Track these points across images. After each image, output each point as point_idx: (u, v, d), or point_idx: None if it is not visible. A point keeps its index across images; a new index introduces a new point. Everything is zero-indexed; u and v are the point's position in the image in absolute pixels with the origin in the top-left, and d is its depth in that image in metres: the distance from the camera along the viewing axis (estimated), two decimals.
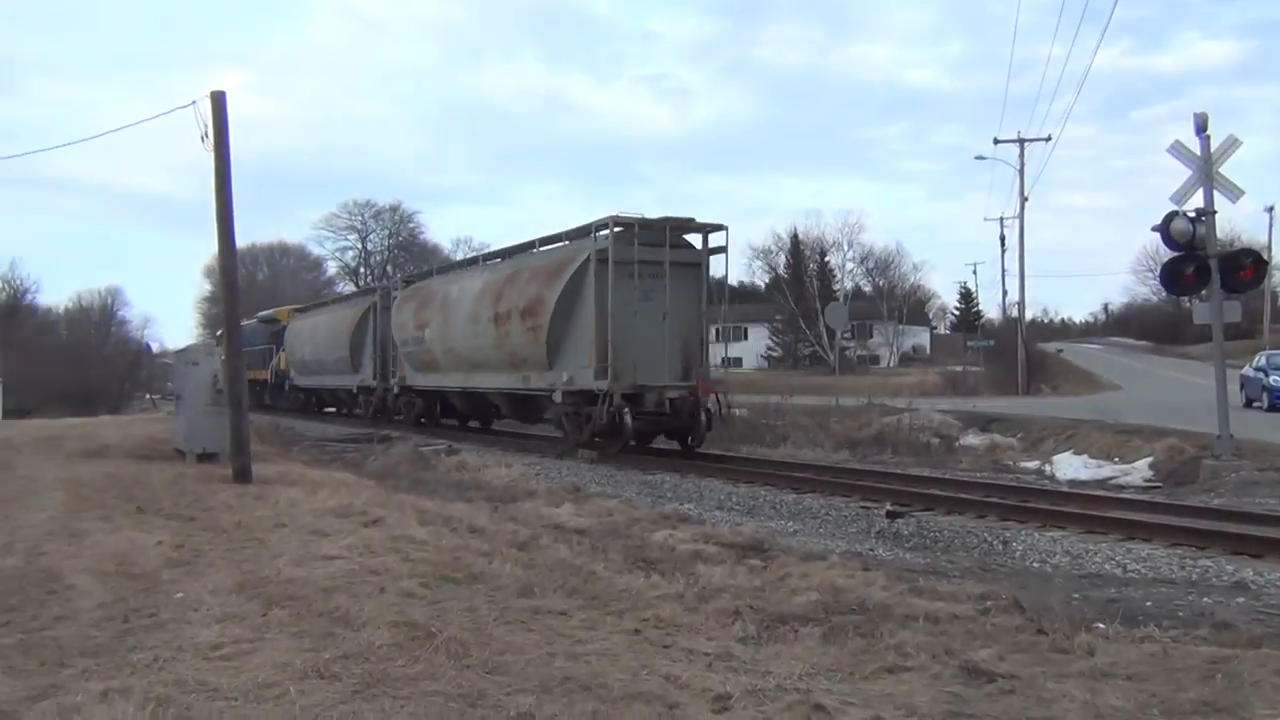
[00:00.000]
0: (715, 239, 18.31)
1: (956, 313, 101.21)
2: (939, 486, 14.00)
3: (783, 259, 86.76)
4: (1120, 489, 14.98)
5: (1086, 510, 11.31)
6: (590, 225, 18.31)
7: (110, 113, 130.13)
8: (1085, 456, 18.27)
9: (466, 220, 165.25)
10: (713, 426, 18.19)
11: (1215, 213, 14.54)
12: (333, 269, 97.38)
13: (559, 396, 18.36)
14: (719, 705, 4.25)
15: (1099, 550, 9.29)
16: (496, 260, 23.01)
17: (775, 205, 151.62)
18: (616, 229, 17.37)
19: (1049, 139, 41.44)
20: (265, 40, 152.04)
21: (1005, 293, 54.59)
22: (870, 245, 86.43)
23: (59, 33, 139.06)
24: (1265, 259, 16.37)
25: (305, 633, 5.33)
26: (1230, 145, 14.60)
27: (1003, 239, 50.84)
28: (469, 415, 25.95)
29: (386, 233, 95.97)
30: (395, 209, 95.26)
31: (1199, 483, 14.43)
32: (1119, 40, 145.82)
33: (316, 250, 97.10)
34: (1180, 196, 14.74)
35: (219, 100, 13.28)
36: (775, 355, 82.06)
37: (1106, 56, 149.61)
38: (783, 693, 4.37)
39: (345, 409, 33.47)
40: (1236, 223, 59.95)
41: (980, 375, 47.11)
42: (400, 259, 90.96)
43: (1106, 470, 16.74)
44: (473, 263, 25.52)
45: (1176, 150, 14.80)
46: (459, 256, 68.68)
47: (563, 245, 19.66)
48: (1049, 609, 6.13)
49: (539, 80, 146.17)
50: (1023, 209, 43.15)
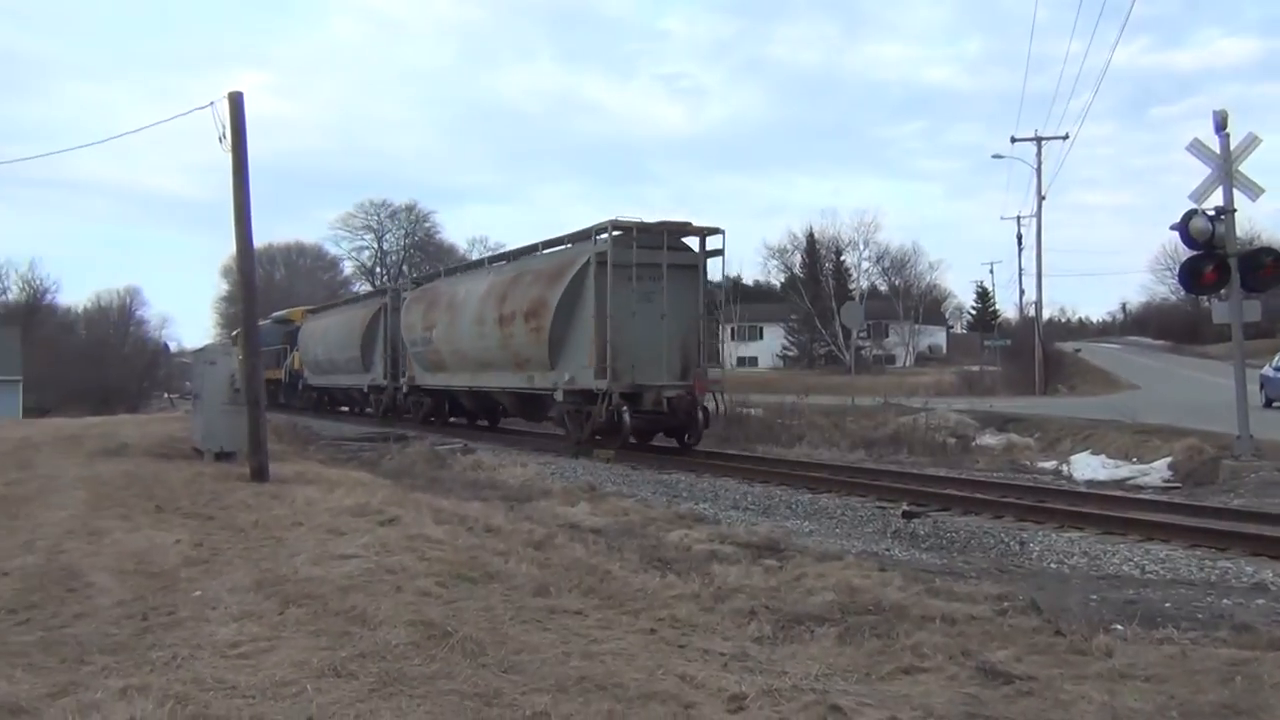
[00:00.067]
0: (712, 242, 18.63)
1: (973, 312, 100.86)
2: (955, 486, 13.95)
3: (798, 258, 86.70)
4: (1138, 489, 14.88)
5: (1104, 511, 11.25)
6: (590, 229, 18.60)
7: (129, 114, 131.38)
8: (1103, 457, 18.15)
9: (482, 220, 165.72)
10: (710, 424, 18.63)
11: (1235, 211, 14.44)
12: (349, 269, 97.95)
13: (560, 395, 18.79)
14: (734, 705, 4.25)
15: (1117, 551, 9.24)
16: (501, 262, 23.49)
17: (791, 204, 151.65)
18: (615, 232, 17.74)
19: (1066, 137, 41.25)
20: (283, 42, 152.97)
21: (1022, 292, 54.37)
22: (886, 244, 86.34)
23: (79, 35, 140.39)
24: None
25: (322, 631, 5.35)
26: (1250, 143, 14.49)
27: (1020, 238, 50.60)
28: (476, 414, 26.30)
29: (402, 232, 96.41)
30: (411, 209, 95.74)
31: (1218, 483, 14.33)
32: (1138, 37, 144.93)
33: (333, 250, 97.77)
34: (1199, 195, 14.64)
35: (237, 101, 13.34)
36: (791, 355, 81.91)
37: (1125, 53, 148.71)
38: (799, 693, 4.37)
39: (357, 408, 33.89)
40: (1256, 221, 59.54)
41: (997, 375, 46.89)
42: (416, 259, 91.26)
43: (1124, 470, 16.64)
44: (479, 265, 26.01)
45: (1196, 148, 14.70)
46: (474, 256, 68.91)
47: (564, 248, 20.04)
48: (1067, 610, 6.11)
49: (554, 80, 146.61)
50: (1040, 208, 42.98)
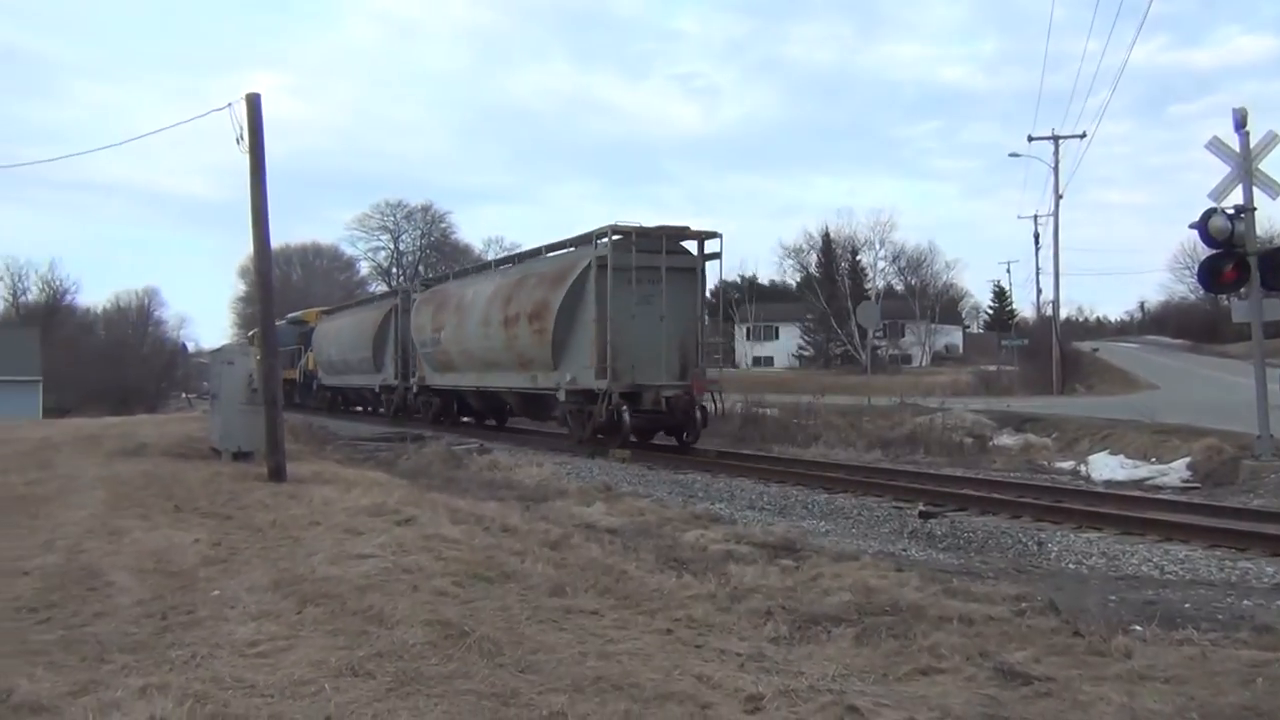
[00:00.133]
0: (711, 246, 19.02)
1: (990, 311, 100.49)
2: (972, 486, 13.90)
3: (814, 258, 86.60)
4: (1157, 490, 14.79)
5: (1123, 511, 11.18)
6: (591, 233, 19.04)
7: (148, 116, 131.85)
8: (1121, 457, 18.04)
9: (497, 220, 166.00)
10: (709, 423, 19.11)
11: (1255, 209, 14.33)
12: (365, 269, 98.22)
13: (563, 395, 19.27)
14: (751, 706, 4.25)
15: (1136, 552, 9.19)
16: (507, 265, 24.12)
17: (806, 204, 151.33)
18: (615, 237, 18.18)
19: (1084, 136, 40.74)
20: (299, 43, 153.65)
21: (1039, 291, 54.12)
22: (902, 244, 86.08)
23: (99, 37, 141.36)
24: None
25: (340, 631, 5.38)
26: (1270, 141, 14.39)
27: (1037, 237, 50.27)
28: (484, 413, 26.77)
29: (418, 233, 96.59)
30: (427, 209, 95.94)
31: (1238, 483, 14.24)
32: (1156, 35, 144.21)
33: (349, 251, 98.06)
34: (1219, 193, 14.54)
35: (254, 103, 13.40)
36: (806, 354, 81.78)
37: (1143, 52, 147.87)
38: (816, 694, 4.36)
39: (369, 408, 34.28)
40: (1276, 220, 58.77)
41: (1014, 375, 46.62)
42: (432, 259, 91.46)
43: (1143, 471, 16.53)
44: (485, 267, 26.54)
45: (1215, 146, 14.60)
46: (490, 256, 69.12)
47: (567, 252, 20.52)
48: (1085, 611, 6.07)
49: (568, 81, 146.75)
50: (1057, 206, 42.68)
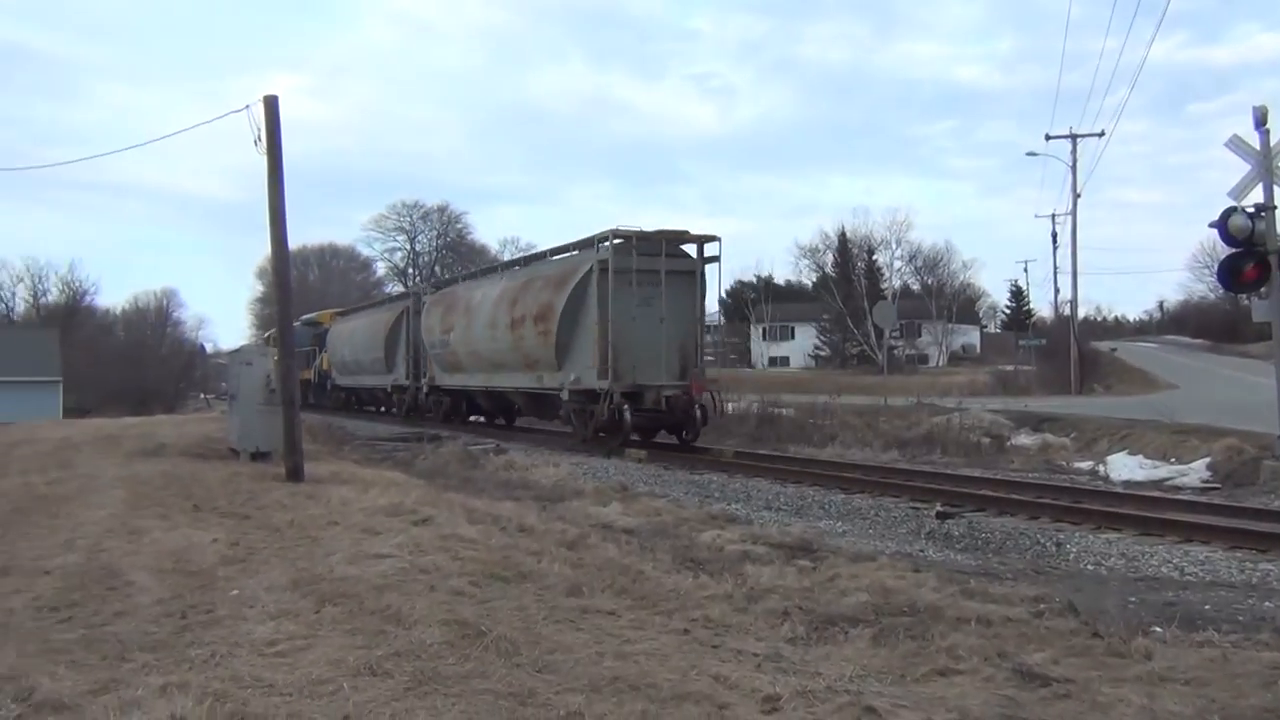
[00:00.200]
0: (710, 249, 19.47)
1: (1007, 311, 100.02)
2: (990, 487, 13.84)
3: (830, 257, 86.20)
4: (1177, 490, 14.70)
5: (1142, 512, 11.11)
6: (594, 237, 19.50)
7: (167, 118, 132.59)
8: (1140, 457, 17.94)
9: (514, 220, 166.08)
10: (708, 422, 19.51)
11: (1275, 208, 14.20)
12: (382, 270, 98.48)
13: (566, 395, 19.75)
14: (769, 706, 4.24)
15: (1155, 553, 9.14)
16: (513, 268, 24.78)
17: (822, 203, 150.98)
18: (616, 241, 18.59)
19: (1102, 134, 40.23)
20: (317, 45, 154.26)
21: (1057, 290, 53.91)
22: (919, 243, 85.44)
23: (121, 39, 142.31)
24: None
25: (358, 630, 5.40)
26: None
27: (1054, 236, 49.93)
28: (493, 413, 27.28)
29: (435, 234, 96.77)
30: (443, 210, 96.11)
31: (1259, 484, 14.14)
32: (1175, 33, 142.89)
33: (366, 251, 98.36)
34: (1239, 192, 14.42)
35: (272, 105, 13.47)
36: (823, 354, 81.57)
37: (1162, 49, 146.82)
38: (833, 694, 4.36)
39: (382, 407, 34.87)
40: None
41: (1032, 374, 46.35)
42: (448, 259, 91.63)
43: (1163, 471, 16.43)
44: (492, 270, 27.03)
45: (1235, 145, 14.48)
46: (506, 256, 69.27)
47: (570, 255, 21.04)
48: (1104, 612, 6.05)
49: (584, 81, 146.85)
50: (1075, 205, 42.38)
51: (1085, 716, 4.17)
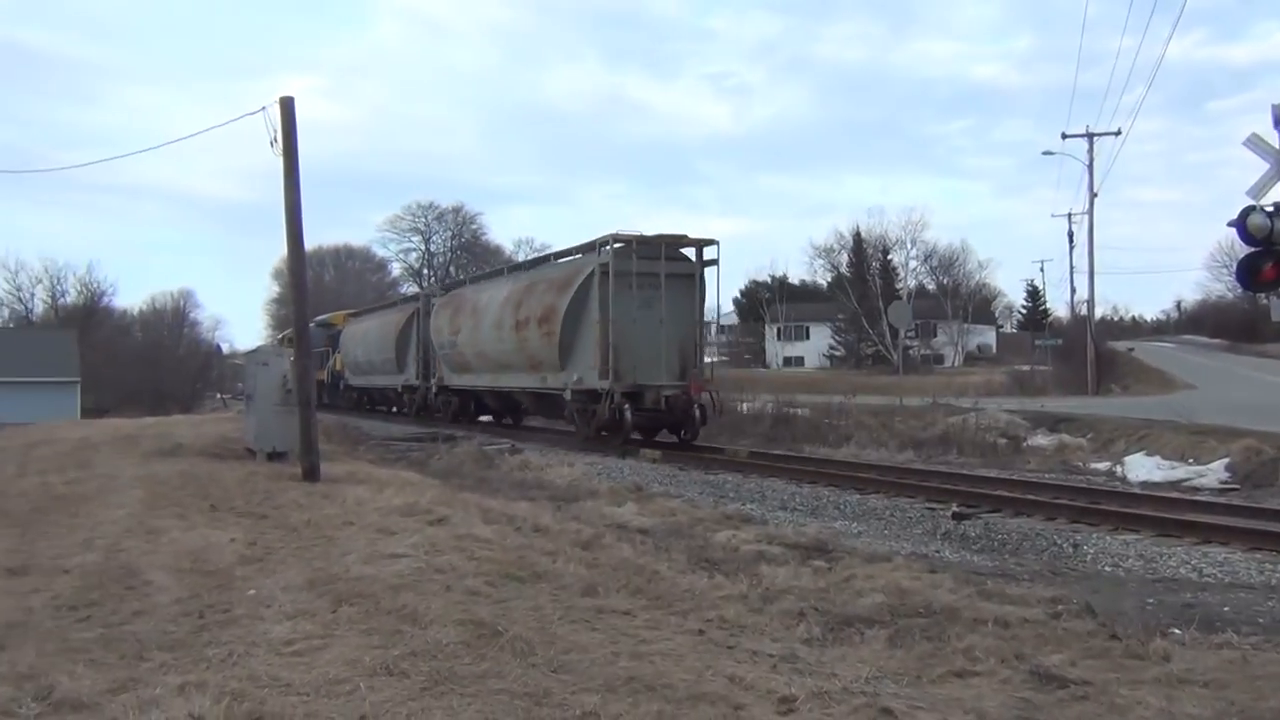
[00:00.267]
0: (709, 252, 19.88)
1: (1023, 311, 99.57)
2: (1006, 488, 13.78)
3: (845, 257, 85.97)
4: (1195, 491, 14.60)
5: (1160, 513, 11.05)
6: (595, 241, 19.92)
7: (184, 120, 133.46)
8: (1158, 458, 17.84)
9: (528, 221, 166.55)
10: (707, 421, 19.88)
11: None
12: (397, 270, 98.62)
13: (569, 395, 20.17)
14: (784, 707, 4.24)
15: (1173, 554, 9.08)
16: (519, 271, 25.32)
17: (837, 203, 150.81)
18: (617, 245, 19.08)
19: (1119, 133, 39.89)
20: (332, 46, 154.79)
21: (1074, 290, 53.53)
22: (934, 243, 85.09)
23: (137, 42, 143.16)
24: None
25: (374, 630, 5.42)
26: None
27: (1071, 235, 49.60)
28: (500, 412, 27.77)
29: (449, 234, 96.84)
30: (458, 210, 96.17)
31: (1278, 485, 14.04)
32: (1192, 31, 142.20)
33: (381, 252, 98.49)
34: (1257, 191, 14.25)
35: (288, 106, 13.53)
36: (838, 355, 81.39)
37: (1179, 47, 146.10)
38: (849, 695, 4.35)
39: (393, 407, 35.27)
40: None
41: (1048, 374, 46.14)
42: (463, 260, 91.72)
43: (1180, 472, 16.34)
44: (499, 273, 27.48)
45: (1253, 143, 14.32)
46: (521, 257, 69.31)
47: (573, 259, 21.55)
48: (1122, 614, 6.02)
49: (600, 80, 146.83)
50: (1092, 204, 42.11)
51: (1103, 718, 4.15)
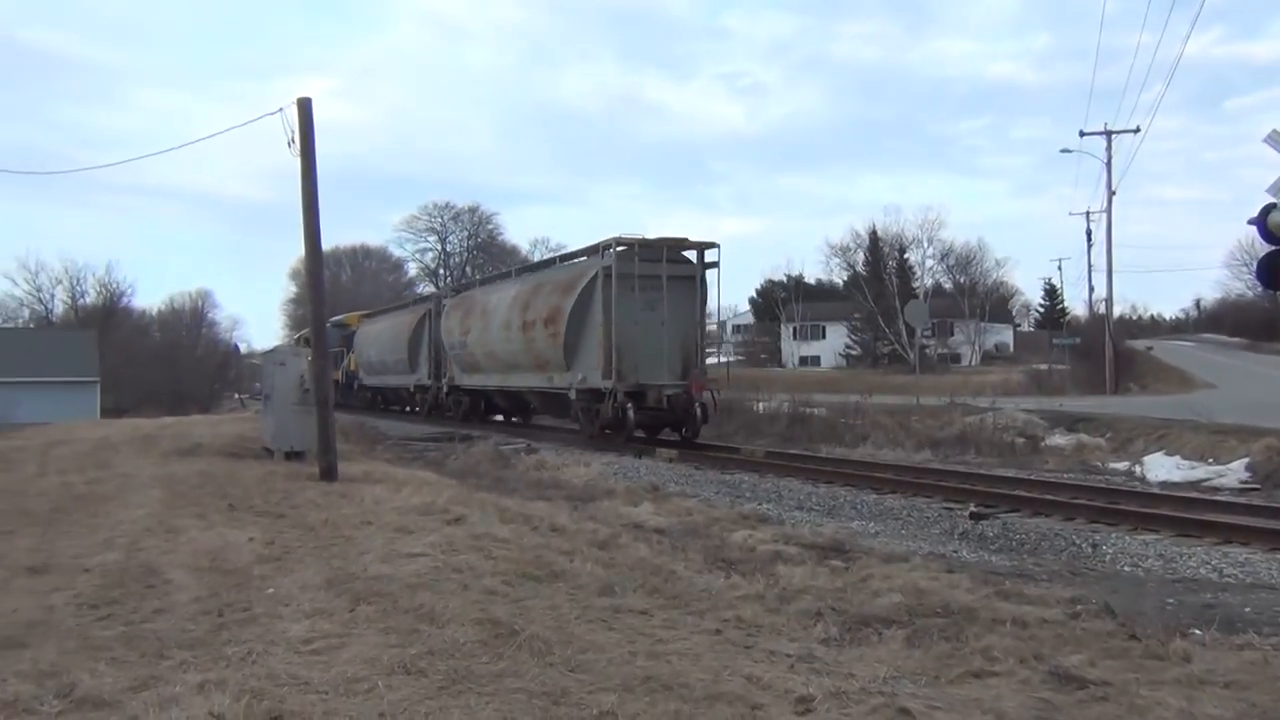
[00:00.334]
0: (710, 255, 20.32)
1: (1041, 310, 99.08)
2: (1025, 487, 13.72)
3: (861, 256, 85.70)
4: (1215, 491, 14.50)
5: (1180, 513, 10.98)
6: (599, 244, 20.41)
7: (202, 121, 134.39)
8: (1177, 457, 17.72)
9: (544, 221, 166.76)
10: (708, 419, 20.34)
11: None
12: (413, 270, 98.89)
13: (574, 394, 20.70)
14: (802, 707, 4.23)
15: (1194, 554, 9.03)
16: (526, 273, 25.97)
17: (853, 202, 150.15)
18: (620, 248, 19.59)
19: (1137, 130, 39.61)
20: (349, 47, 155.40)
21: (1092, 289, 52.94)
22: (951, 242, 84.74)
23: (156, 45, 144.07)
24: None
25: (392, 629, 5.43)
26: None
27: (1089, 234, 49.25)
28: (510, 411, 28.28)
29: (465, 234, 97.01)
30: (474, 210, 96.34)
31: None
32: (1211, 28, 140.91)
33: (397, 252, 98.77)
34: (1277, 189, 14.21)
35: (305, 107, 13.59)
36: (854, 354, 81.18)
37: (1198, 45, 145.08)
38: (867, 695, 4.34)
39: (406, 406, 35.69)
40: None
41: (1066, 374, 45.90)
42: (479, 260, 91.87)
43: (1200, 471, 16.22)
44: (507, 275, 28.00)
45: (1273, 140, 14.21)
46: (536, 257, 69.47)
47: (578, 261, 22.21)
48: (1142, 614, 5.99)
49: (615, 81, 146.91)
50: (1110, 203, 41.90)
51: (1123, 719, 4.13)
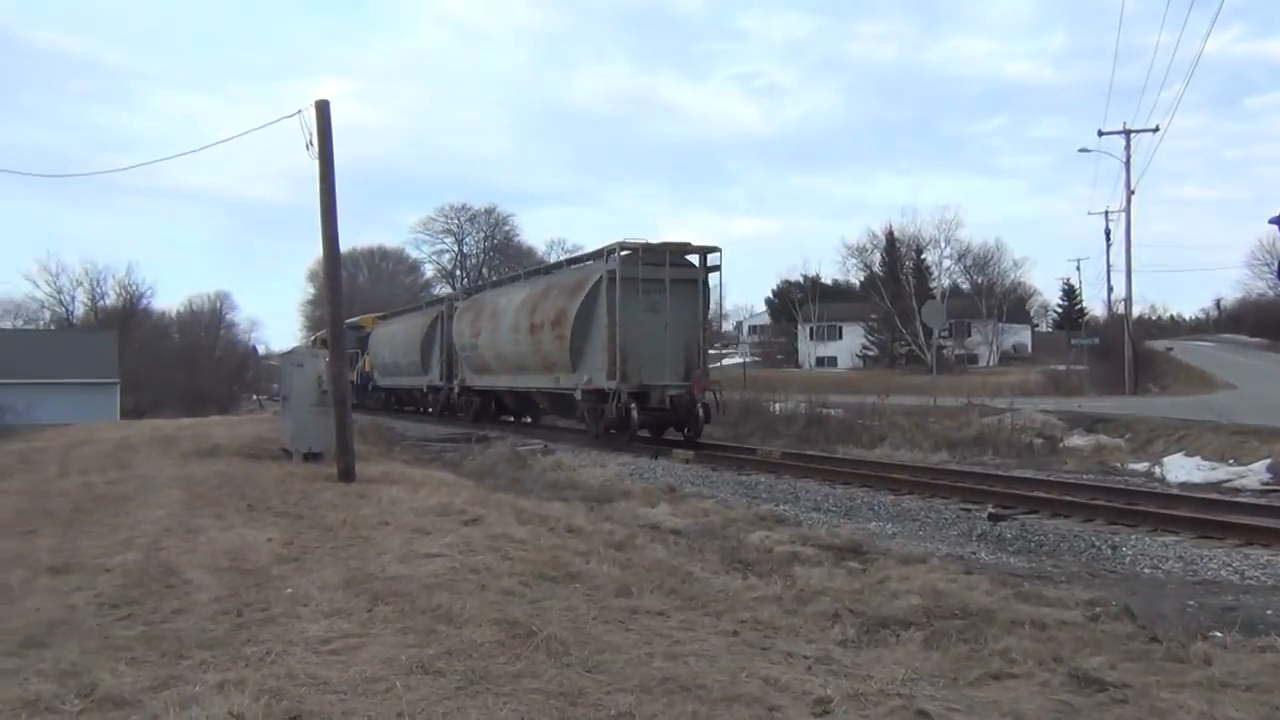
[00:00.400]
0: (711, 259, 20.74)
1: (1059, 310, 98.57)
2: (1043, 489, 13.64)
3: (878, 257, 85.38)
4: (1236, 492, 14.37)
5: (1200, 514, 10.89)
6: (604, 249, 20.89)
7: (220, 123, 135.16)
8: (1198, 458, 17.58)
9: (560, 221, 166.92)
10: (710, 419, 20.72)
11: None
12: (430, 272, 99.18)
13: (579, 394, 21.09)
14: (820, 709, 4.22)
15: (1214, 556, 8.95)
16: (534, 277, 26.28)
17: (869, 202, 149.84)
18: (624, 253, 19.97)
19: (1156, 129, 39.35)
20: (367, 50, 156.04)
21: (1111, 289, 52.61)
22: (968, 242, 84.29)
23: (176, 48, 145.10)
24: None
25: (410, 629, 5.45)
26: None
27: (1108, 233, 48.88)
28: (520, 411, 28.66)
29: (482, 235, 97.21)
30: (490, 212, 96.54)
31: None
32: (1231, 26, 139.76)
33: (414, 254, 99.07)
34: None
35: (323, 109, 13.64)
36: (871, 354, 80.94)
37: (1217, 43, 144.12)
38: (885, 697, 4.32)
39: (419, 407, 36.04)
40: None
41: (1085, 374, 45.63)
42: (495, 261, 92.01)
43: (1221, 473, 16.10)
44: (516, 278, 28.48)
45: None
46: (553, 258, 69.49)
47: (584, 265, 22.70)
48: (1162, 616, 5.95)
49: (631, 82, 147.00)
50: (1129, 202, 41.60)
51: None
